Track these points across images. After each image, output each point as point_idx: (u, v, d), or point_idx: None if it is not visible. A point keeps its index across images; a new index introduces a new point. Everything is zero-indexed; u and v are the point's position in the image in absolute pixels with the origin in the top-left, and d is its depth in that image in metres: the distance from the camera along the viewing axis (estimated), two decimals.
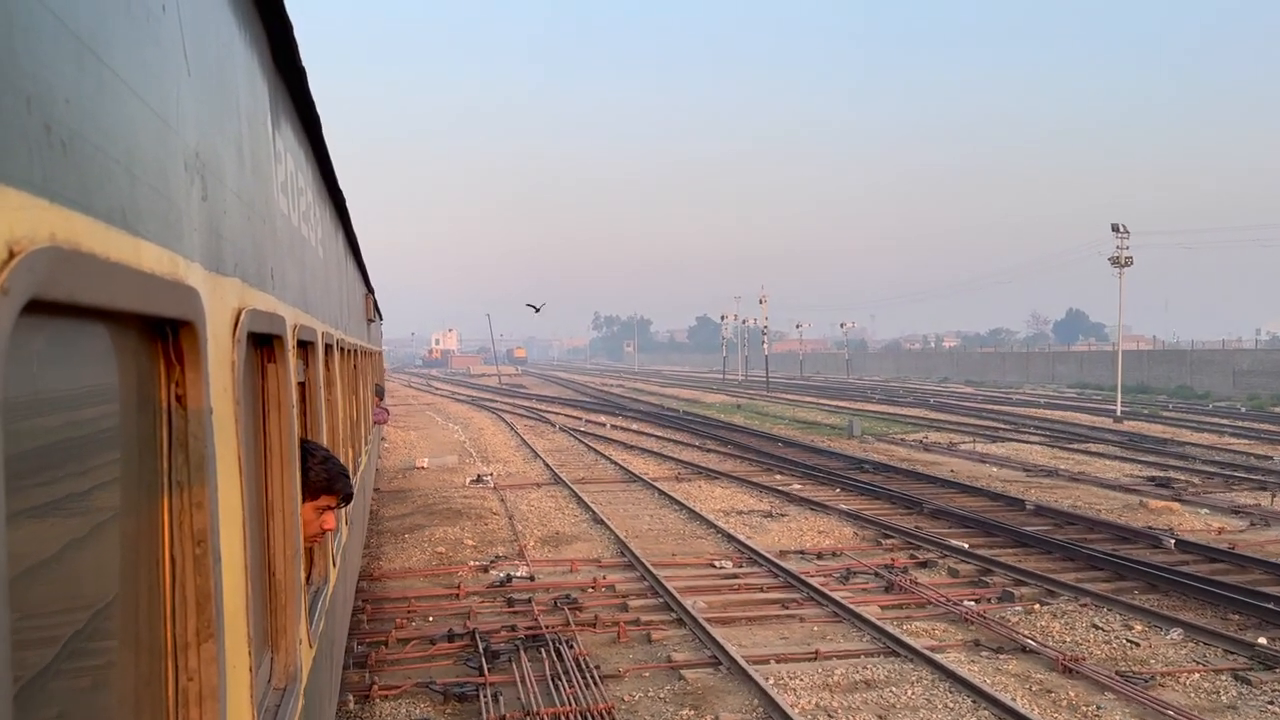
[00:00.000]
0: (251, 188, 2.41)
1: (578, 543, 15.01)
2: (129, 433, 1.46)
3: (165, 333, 1.51)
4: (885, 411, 42.40)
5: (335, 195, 6.09)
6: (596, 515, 16.99)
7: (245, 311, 2.08)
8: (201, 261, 1.69)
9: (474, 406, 49.43)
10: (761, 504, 18.38)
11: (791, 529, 15.80)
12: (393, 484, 21.87)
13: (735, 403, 50.09)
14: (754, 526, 16.13)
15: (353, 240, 8.68)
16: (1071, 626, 10.45)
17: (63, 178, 1.03)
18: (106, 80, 1.20)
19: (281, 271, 2.93)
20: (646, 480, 21.45)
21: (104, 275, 1.14)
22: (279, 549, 2.78)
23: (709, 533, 15.69)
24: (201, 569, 1.56)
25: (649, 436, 31.95)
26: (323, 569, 4.20)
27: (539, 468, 24.32)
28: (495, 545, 14.82)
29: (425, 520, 16.67)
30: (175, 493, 1.54)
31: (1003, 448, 27.57)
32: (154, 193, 1.40)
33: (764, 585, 12.29)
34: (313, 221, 4.29)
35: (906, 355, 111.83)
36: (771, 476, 22.13)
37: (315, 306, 4.20)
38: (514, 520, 16.75)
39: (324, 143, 4.67)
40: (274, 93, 2.98)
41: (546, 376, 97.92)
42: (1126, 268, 36.71)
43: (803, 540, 15.11)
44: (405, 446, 30.15)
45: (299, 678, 2.82)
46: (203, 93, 1.81)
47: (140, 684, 1.48)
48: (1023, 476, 22.09)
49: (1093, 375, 69.66)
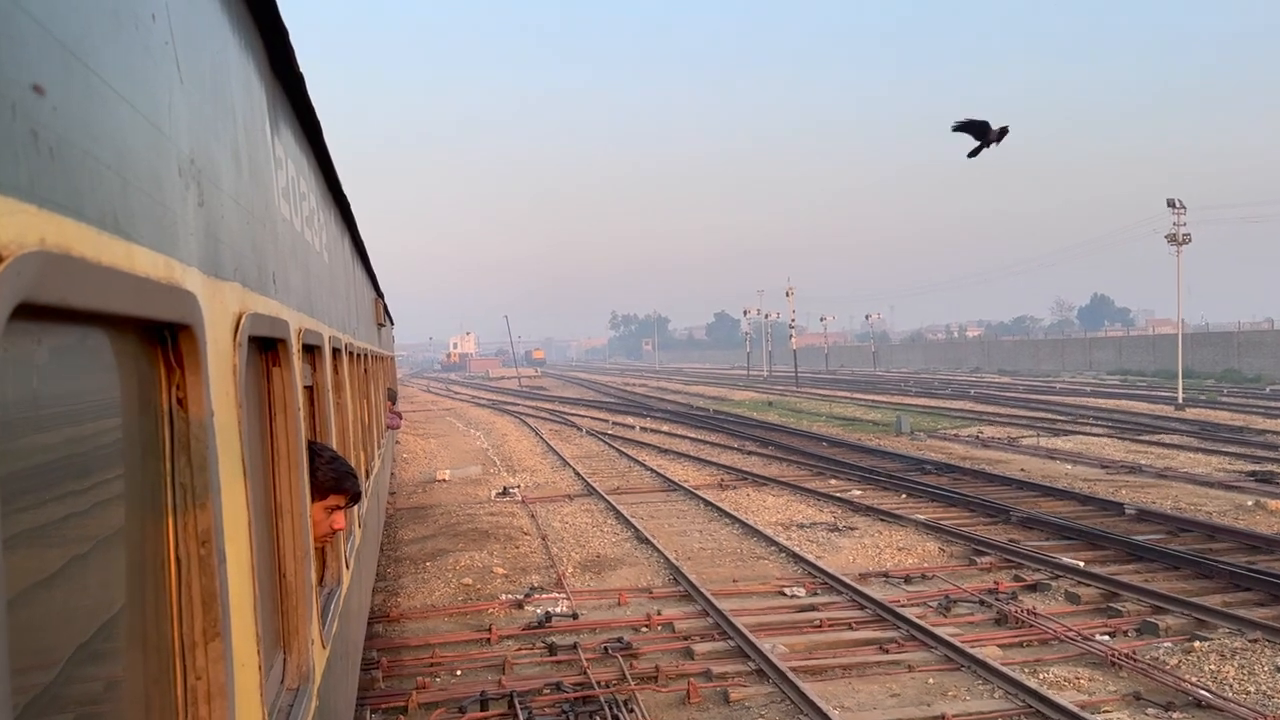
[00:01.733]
0: (250, 193, 2.37)
1: (622, 567, 13.13)
2: (131, 436, 1.46)
3: (164, 337, 1.53)
4: (926, 405, 40.28)
5: (340, 200, 5.96)
6: (639, 533, 15.11)
7: (246, 315, 2.07)
8: (199, 266, 1.68)
9: (496, 411, 47.63)
10: (823, 514, 16.42)
11: (865, 545, 13.83)
12: (412, 499, 20.06)
13: (766, 400, 48.06)
14: (821, 543, 14.18)
15: (360, 245, 8.45)
16: (1250, 671, 8.45)
17: (51, 183, 1.04)
18: (95, 87, 1.21)
19: (284, 276, 2.90)
20: (688, 489, 19.55)
21: (97, 279, 1.15)
22: (289, 550, 2.74)
23: (770, 551, 13.77)
24: (206, 569, 1.57)
25: (682, 439, 30.03)
26: (336, 571, 4.15)
27: (569, 477, 22.47)
28: (529, 573, 12.95)
29: (448, 544, 14.82)
30: (179, 494, 1.55)
31: (1068, 441, 25.49)
32: (147, 198, 1.40)
33: (851, 620, 10.36)
34: (316, 226, 4.23)
35: (934, 346, 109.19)
36: (826, 481, 20.18)
37: (321, 310, 4.15)
38: (548, 541, 14.88)
39: (326, 148, 4.57)
40: (272, 99, 2.94)
41: (567, 378, 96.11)
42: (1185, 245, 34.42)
43: (881, 559, 13.16)
44: (425, 456, 28.37)
45: (312, 678, 2.80)
46: (196, 99, 1.79)
47: (150, 683, 1.50)
48: (1102, 474, 20.06)
49: (1133, 361, 67.17)
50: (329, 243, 4.96)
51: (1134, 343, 70.65)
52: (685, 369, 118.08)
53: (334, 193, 5.55)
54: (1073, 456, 22.63)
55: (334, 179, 5.33)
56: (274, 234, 2.77)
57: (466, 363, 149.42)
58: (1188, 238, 34.44)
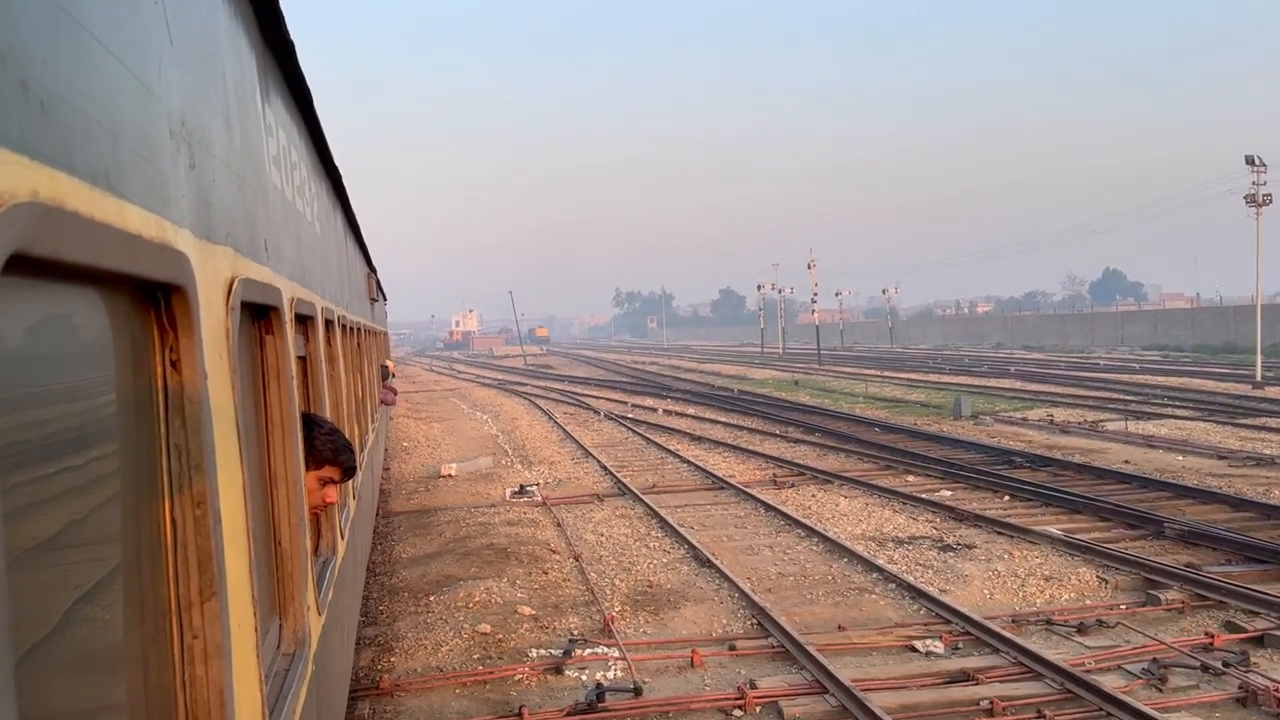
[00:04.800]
0: (241, 159, 2.32)
1: (685, 604, 10.10)
2: (125, 397, 1.44)
3: (157, 298, 1.49)
4: (970, 384, 37.13)
5: (332, 173, 5.82)
6: (695, 549, 12.09)
7: (238, 280, 2.03)
8: (191, 228, 1.65)
9: (502, 391, 44.54)
10: (918, 524, 13.35)
11: (999, 573, 10.75)
12: (413, 500, 17.01)
13: (791, 379, 44.94)
14: (936, 567, 11.11)
15: (352, 219, 8.29)
16: None
17: (42, 136, 1.01)
18: (85, 42, 1.17)
19: (276, 243, 2.83)
20: (737, 486, 16.50)
21: (89, 234, 1.12)
22: (283, 517, 2.71)
23: (873, 579, 10.72)
24: (202, 530, 1.54)
25: (712, 423, 26.97)
26: (330, 541, 4.09)
27: (593, 470, 19.42)
28: (564, 612, 9.92)
29: (457, 567, 11.77)
30: (174, 456, 1.51)
31: (1159, 426, 22.38)
32: (138, 157, 1.37)
33: (1035, 700, 7.31)
34: (308, 197, 4.15)
35: (952, 321, 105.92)
36: (900, 478, 17.11)
37: (313, 281, 4.07)
38: (582, 562, 11.84)
39: (317, 119, 4.50)
40: (263, 66, 2.87)
41: (573, 355, 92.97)
42: (1265, 206, 31.14)
43: (1027, 593, 10.09)
44: (428, 445, 25.32)
45: (308, 643, 2.78)
46: (186, 62, 1.75)
47: (147, 641, 1.48)
48: (1225, 467, 17.00)
49: (1169, 336, 63.96)
50: (320, 214, 4.83)
51: (1170, 316, 67.32)
52: (694, 346, 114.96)
53: (325, 164, 5.41)
54: (1177, 445, 19.54)
55: (325, 150, 5.20)
56: (265, 201, 2.71)
57: (469, 341, 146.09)
58: (1268, 198, 31.16)
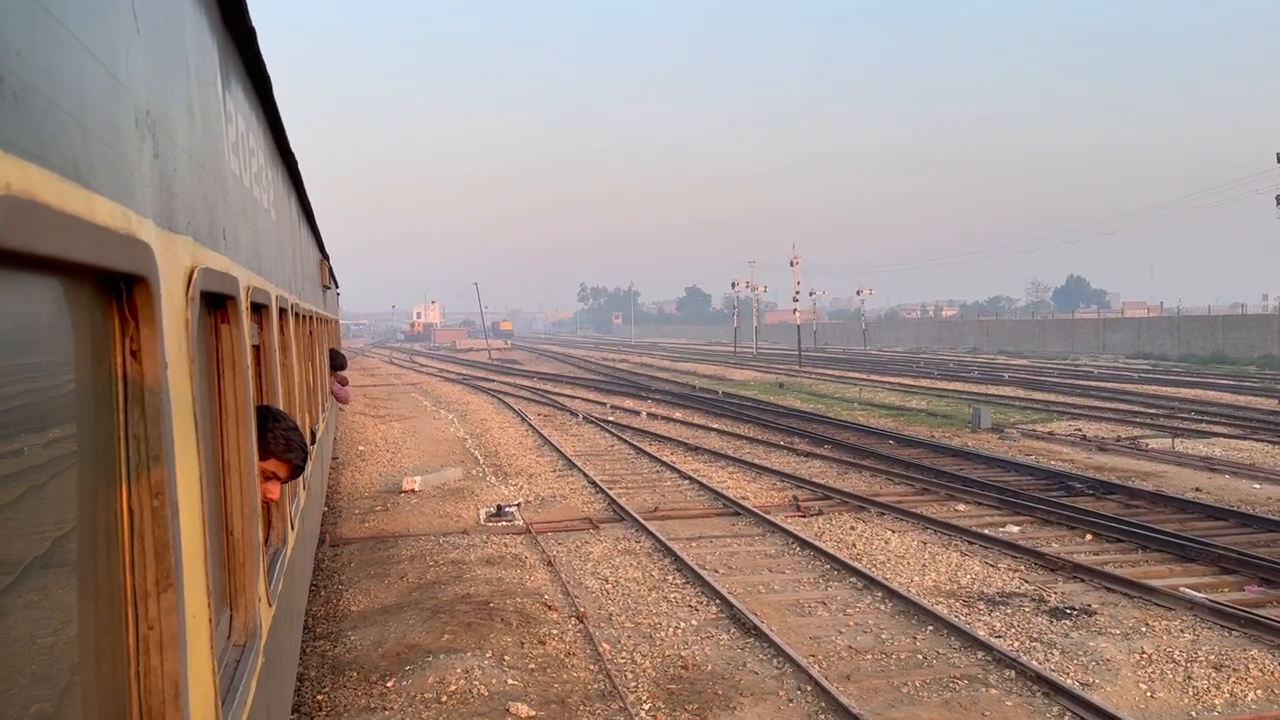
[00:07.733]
0: (203, 147, 2.35)
1: (740, 701, 7.41)
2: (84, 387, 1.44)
3: (119, 288, 1.50)
4: (966, 391, 34.88)
5: (288, 159, 5.81)
6: (730, 606, 9.44)
7: (198, 270, 2.04)
8: (154, 218, 1.66)
9: (468, 388, 41.53)
10: (1002, 575, 10.75)
11: (1150, 657, 8.14)
12: (367, 523, 14.11)
13: (775, 381, 42.44)
14: (1061, 645, 8.48)
15: (306, 205, 8.16)
16: None
17: (16, 128, 1.02)
18: (58, 34, 1.18)
19: (234, 232, 2.84)
20: (756, 513, 13.86)
21: (59, 227, 1.13)
22: (236, 508, 2.72)
23: (976, 658, 8.12)
24: (160, 521, 1.54)
25: (704, 430, 24.33)
26: (281, 531, 4.06)
27: (580, 486, 16.67)
28: (574, 713, 7.18)
29: (424, 631, 8.95)
30: (132, 447, 1.52)
31: (1210, 445, 20.12)
32: (106, 148, 1.38)
33: None
34: (265, 184, 4.12)
35: (926, 324, 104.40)
36: (950, 506, 14.56)
37: (269, 269, 4.06)
38: (588, 624, 9.12)
39: (275, 105, 4.41)
40: (224, 53, 2.86)
41: (539, 350, 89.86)
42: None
43: (1196, 688, 7.54)
44: (387, 449, 22.35)
45: (259, 634, 2.78)
46: (152, 50, 1.76)
47: (101, 631, 1.48)
48: None
49: (1153, 344, 62.51)
50: (276, 200, 4.76)
51: (1154, 324, 65.82)
52: (662, 344, 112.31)
53: (281, 150, 5.35)
54: (1244, 469, 17.25)
55: (282, 136, 5.15)
56: (224, 189, 2.71)
57: (431, 333, 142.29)
58: None
